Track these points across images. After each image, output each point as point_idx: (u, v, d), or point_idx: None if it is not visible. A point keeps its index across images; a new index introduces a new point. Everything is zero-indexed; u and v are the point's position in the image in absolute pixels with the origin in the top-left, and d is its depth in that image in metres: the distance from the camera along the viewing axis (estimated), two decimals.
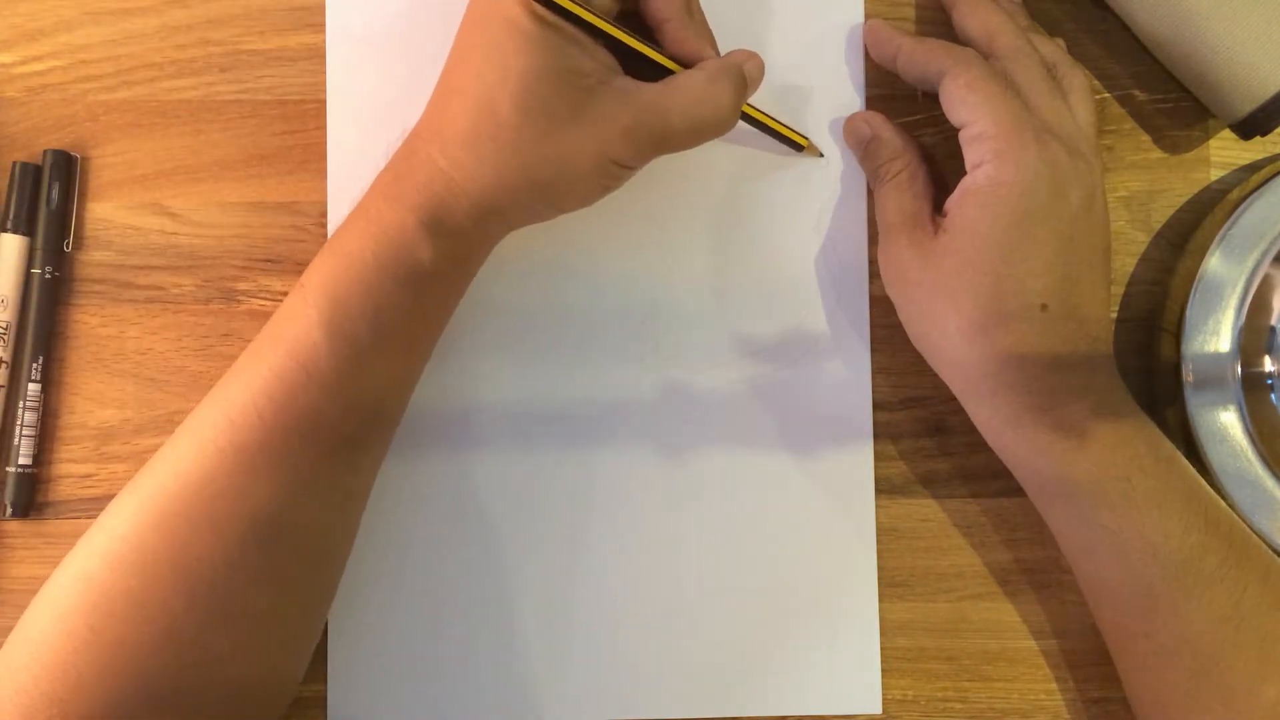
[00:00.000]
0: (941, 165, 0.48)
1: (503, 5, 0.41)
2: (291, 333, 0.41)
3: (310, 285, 0.41)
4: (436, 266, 0.41)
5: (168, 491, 0.40)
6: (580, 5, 0.41)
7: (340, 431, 0.42)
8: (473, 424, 0.48)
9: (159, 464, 0.42)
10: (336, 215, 0.48)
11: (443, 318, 0.44)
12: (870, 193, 0.49)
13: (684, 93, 0.42)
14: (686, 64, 0.44)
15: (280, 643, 0.43)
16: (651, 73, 0.44)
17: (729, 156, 0.48)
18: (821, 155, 0.48)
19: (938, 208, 0.45)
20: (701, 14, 0.45)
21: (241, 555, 0.40)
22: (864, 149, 0.47)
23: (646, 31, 0.44)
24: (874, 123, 0.47)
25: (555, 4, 0.40)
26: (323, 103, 0.48)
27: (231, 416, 0.41)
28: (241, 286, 0.48)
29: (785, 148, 0.48)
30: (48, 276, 0.47)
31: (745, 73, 0.44)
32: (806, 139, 0.48)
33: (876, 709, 0.48)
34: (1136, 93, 0.49)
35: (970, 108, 0.43)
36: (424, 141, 0.42)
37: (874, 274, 0.49)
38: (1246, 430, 0.45)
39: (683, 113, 0.42)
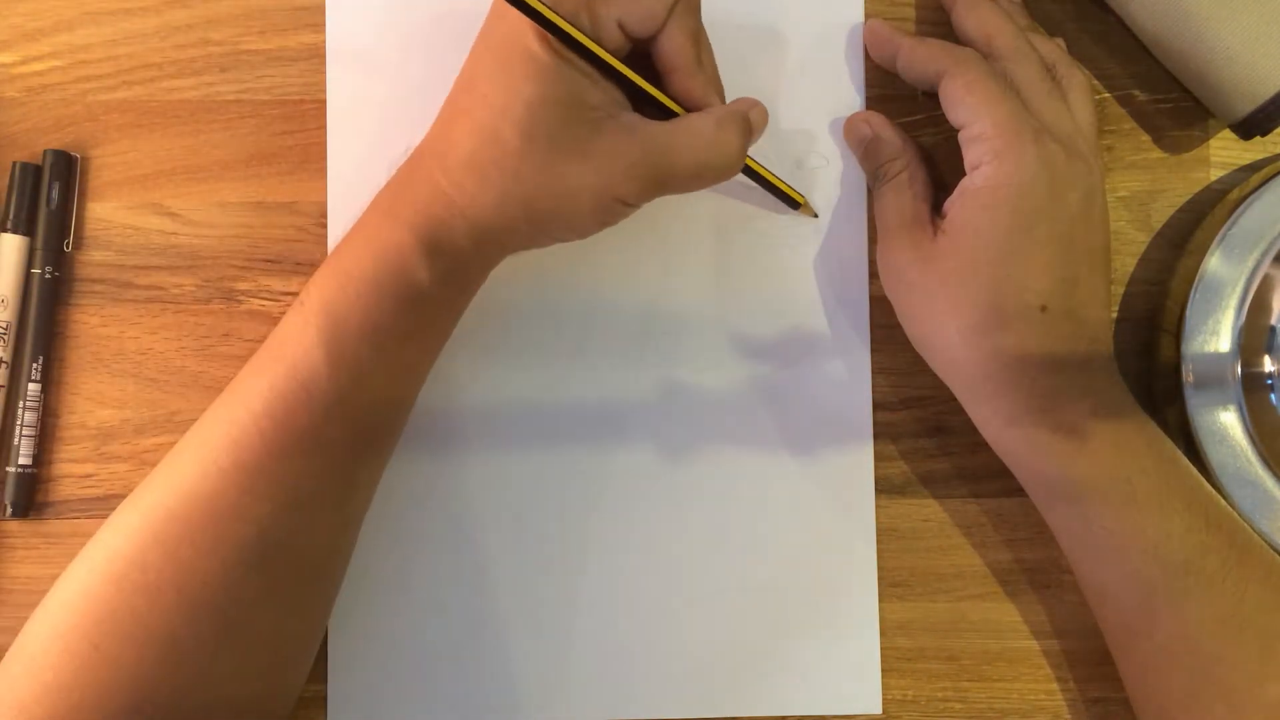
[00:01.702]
0: (941, 166, 0.48)
1: (516, 33, 0.40)
2: (291, 351, 0.41)
3: (310, 303, 0.41)
4: (434, 287, 0.41)
5: (170, 510, 0.40)
6: (592, 40, 0.41)
7: (340, 450, 0.42)
8: (473, 424, 0.48)
9: (160, 480, 0.42)
10: (336, 215, 0.48)
11: (440, 339, 0.44)
12: (870, 193, 0.49)
13: (691, 134, 0.42)
14: (692, 110, 0.44)
15: (281, 660, 0.43)
16: (658, 115, 0.43)
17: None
18: (816, 215, 0.48)
19: (937, 209, 0.45)
20: (713, 64, 0.45)
21: (244, 577, 0.40)
22: (864, 149, 0.47)
23: (656, 75, 0.44)
24: (874, 122, 0.47)
25: (568, 37, 0.40)
26: (323, 103, 0.48)
27: (233, 435, 0.41)
28: (241, 286, 0.48)
29: (781, 204, 0.48)
30: (48, 276, 0.47)
31: (751, 119, 0.44)
32: (803, 197, 0.48)
33: (876, 709, 0.48)
34: (1136, 93, 0.49)
35: (969, 108, 0.43)
36: (427, 161, 0.42)
37: (874, 274, 0.49)
38: (1246, 430, 0.45)
39: (689, 154, 0.42)
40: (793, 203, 0.48)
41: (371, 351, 0.41)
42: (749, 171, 0.46)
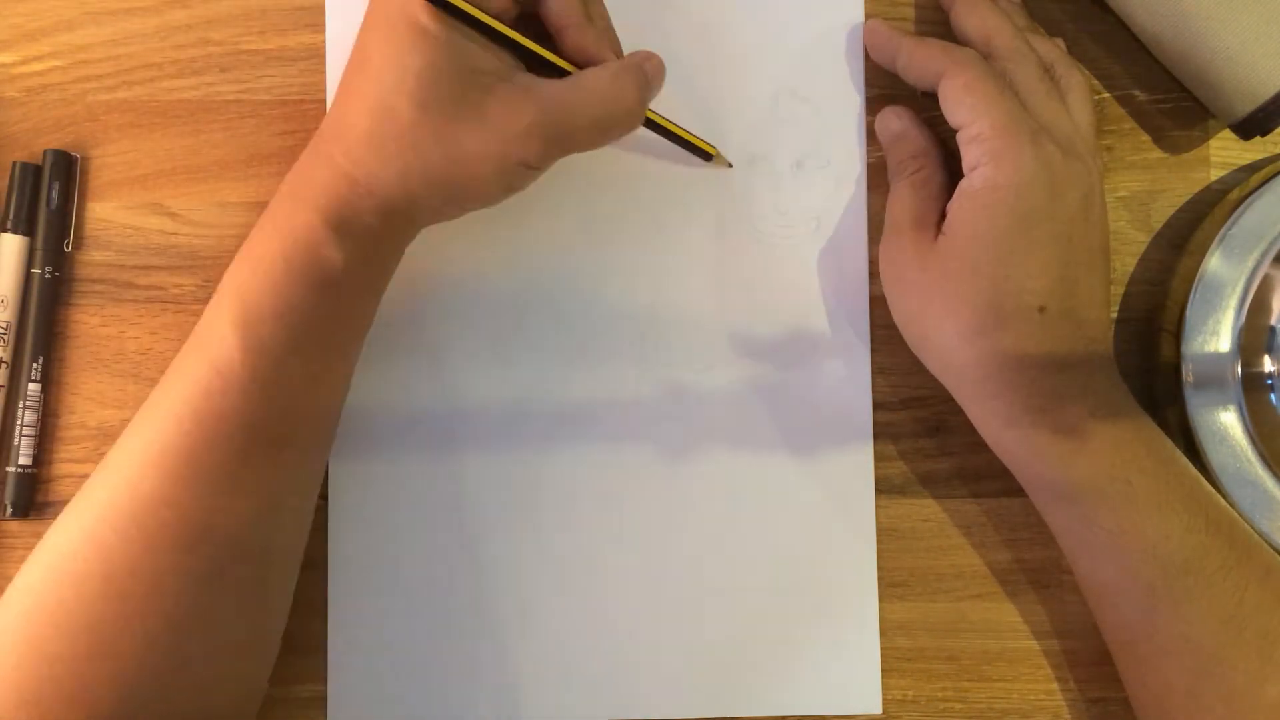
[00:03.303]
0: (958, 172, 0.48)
1: (401, 5, 0.40)
2: (207, 340, 0.41)
3: (223, 292, 0.42)
4: (346, 266, 0.41)
5: (101, 505, 0.41)
6: (475, 6, 0.40)
7: (263, 433, 0.41)
8: (472, 425, 0.48)
9: (96, 478, 0.42)
10: None
11: (360, 318, 0.44)
12: (871, 192, 0.49)
13: (588, 90, 0.42)
14: (587, 67, 0.43)
15: (228, 650, 0.43)
16: (554, 75, 0.43)
17: (729, 157, 0.48)
18: (730, 165, 0.48)
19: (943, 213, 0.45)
20: (605, 18, 0.45)
21: (172, 563, 0.40)
22: (889, 141, 0.47)
23: (547, 36, 0.44)
24: (904, 118, 0.47)
25: (450, 5, 0.40)
26: (323, 103, 0.48)
27: (156, 425, 0.41)
28: None
29: (694, 158, 0.48)
30: (48, 276, 0.47)
31: (647, 70, 0.44)
32: (714, 148, 0.47)
33: (876, 709, 0.48)
34: (1136, 93, 0.49)
35: (967, 109, 0.43)
36: (326, 142, 0.42)
37: (874, 274, 0.49)
38: (1246, 430, 0.45)
39: (586, 109, 0.42)
40: (704, 154, 0.47)
41: (286, 333, 0.41)
42: (654, 126, 0.46)
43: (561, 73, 0.43)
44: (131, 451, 0.41)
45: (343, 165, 0.41)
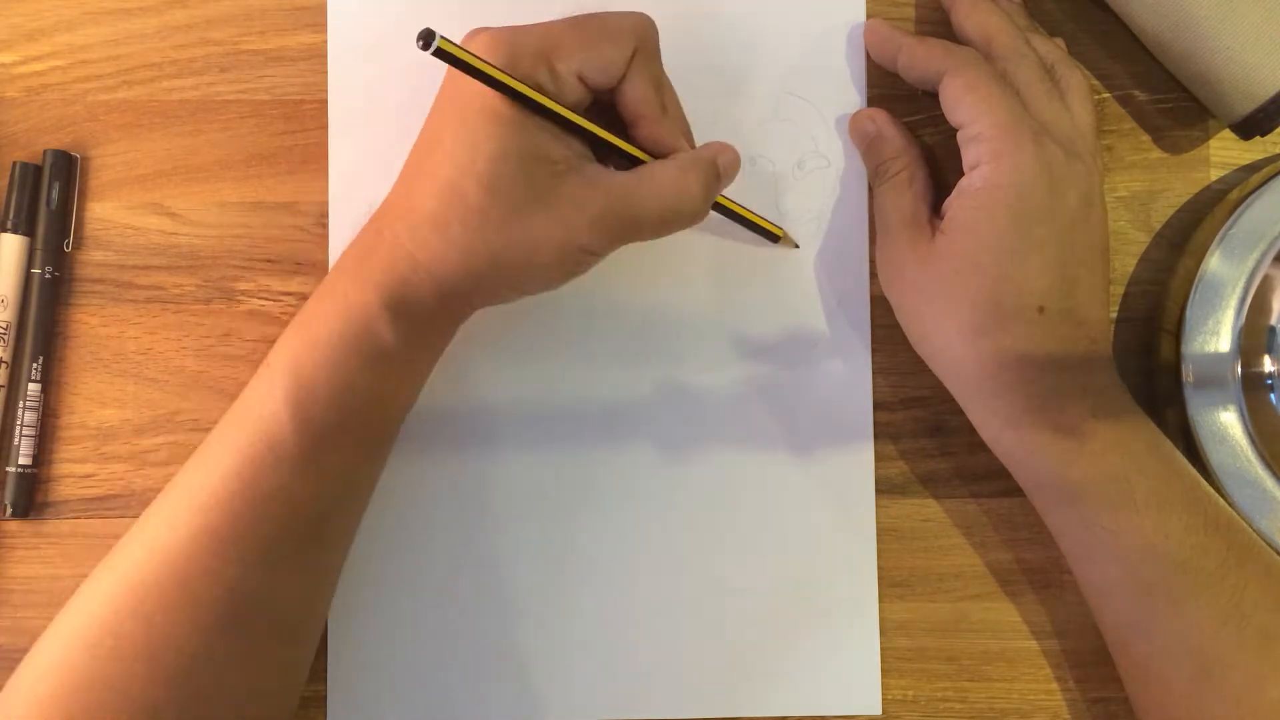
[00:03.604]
0: (942, 165, 0.48)
1: (476, 90, 0.40)
2: (257, 413, 0.41)
3: (275, 365, 0.42)
4: (400, 347, 0.41)
5: (142, 574, 0.41)
6: (550, 99, 0.41)
7: (309, 510, 0.42)
8: (472, 425, 0.48)
9: (132, 545, 0.42)
10: (337, 215, 0.48)
11: (408, 398, 0.44)
12: (871, 193, 0.49)
13: (654, 182, 0.42)
14: (659, 157, 0.43)
15: (259, 716, 0.43)
16: (626, 164, 0.43)
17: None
18: (797, 246, 0.48)
19: (937, 209, 0.45)
20: (678, 108, 0.45)
21: (219, 640, 0.41)
22: (866, 145, 0.47)
23: (621, 124, 0.44)
24: (878, 120, 0.47)
25: (526, 97, 0.40)
26: (323, 103, 0.48)
27: (202, 499, 0.41)
28: (241, 286, 0.48)
29: (762, 239, 0.48)
30: (48, 276, 0.47)
31: (719, 165, 0.44)
32: (782, 230, 0.48)
33: (876, 709, 0.48)
34: (1136, 93, 0.49)
35: (968, 108, 0.43)
36: (390, 221, 0.42)
37: (875, 274, 0.49)
38: (1246, 430, 0.45)
39: (652, 202, 0.42)
40: (772, 237, 0.48)
41: (339, 413, 0.41)
42: (724, 210, 0.46)
43: (633, 162, 0.43)
44: (175, 521, 0.41)
45: (406, 245, 0.41)
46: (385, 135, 0.48)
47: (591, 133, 0.42)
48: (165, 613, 0.40)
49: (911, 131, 0.48)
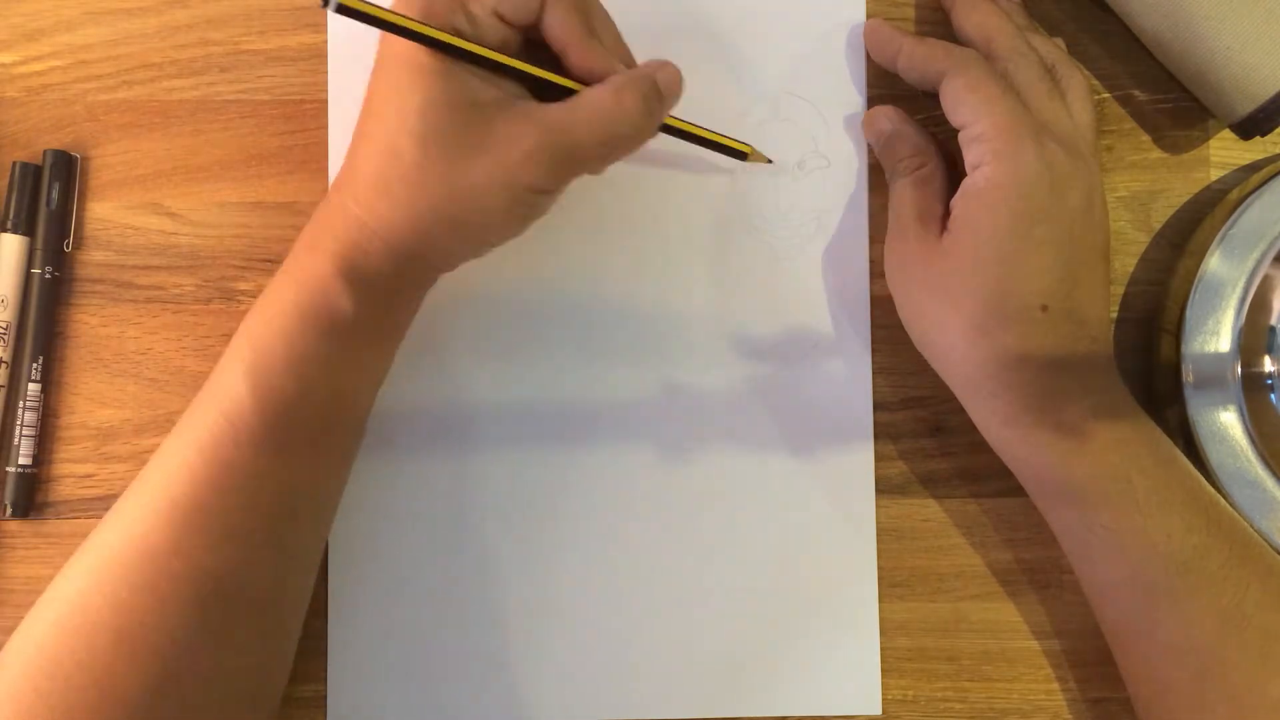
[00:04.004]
0: (959, 167, 0.48)
1: (403, 47, 0.40)
2: (220, 388, 0.41)
3: (237, 340, 0.42)
4: (359, 315, 0.41)
5: (112, 553, 0.41)
6: (471, 40, 0.40)
7: (275, 486, 0.41)
8: (472, 425, 0.48)
9: (105, 525, 0.42)
10: None
11: (374, 367, 0.44)
12: (871, 192, 0.49)
13: (588, 108, 0.41)
14: (594, 83, 0.42)
15: (233, 701, 0.43)
16: (565, 97, 0.42)
17: (729, 160, 0.48)
18: (770, 161, 0.48)
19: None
20: (612, 32, 0.44)
21: (182, 616, 0.40)
22: (883, 143, 0.47)
23: (553, 58, 0.43)
24: (894, 118, 0.47)
25: (447, 44, 0.39)
26: (323, 103, 0.48)
27: (168, 473, 0.41)
28: (241, 286, 0.48)
29: (729, 158, 0.47)
30: (48, 276, 0.47)
31: (659, 81, 0.42)
32: (749, 146, 0.47)
33: (876, 709, 0.48)
34: (1136, 93, 0.49)
35: (969, 108, 0.43)
36: (339, 190, 0.42)
37: (875, 274, 0.49)
38: (1246, 430, 0.45)
39: (588, 127, 0.41)
40: (739, 154, 0.47)
41: (297, 383, 0.41)
42: (679, 132, 0.45)
43: (570, 94, 0.42)
44: (142, 501, 0.41)
45: (354, 211, 0.41)
46: None
47: (527, 72, 0.41)
48: (131, 590, 0.40)
49: None
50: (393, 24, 0.39)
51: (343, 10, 0.37)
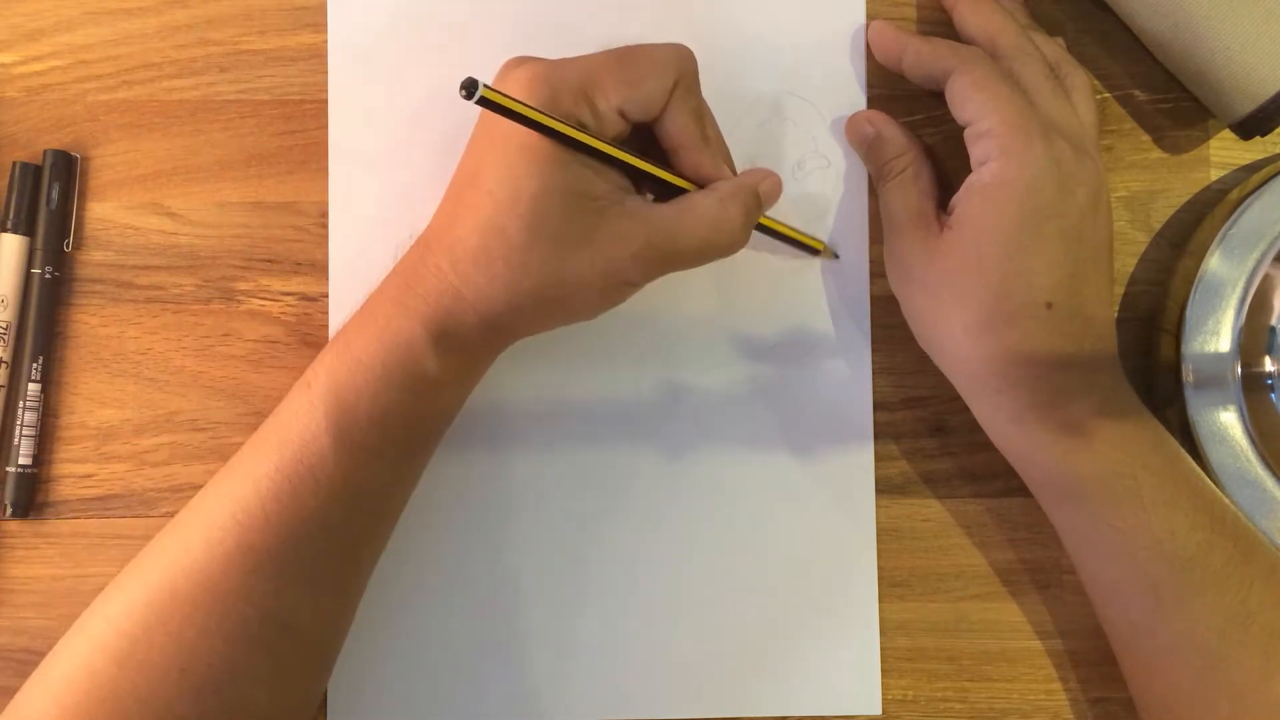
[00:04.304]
0: (944, 164, 0.48)
1: (515, 127, 0.40)
2: (298, 434, 0.41)
3: (317, 386, 0.42)
4: (442, 376, 0.42)
5: (175, 587, 0.40)
6: (588, 134, 0.41)
7: (345, 533, 0.42)
8: (473, 425, 0.48)
9: (165, 552, 0.42)
10: (337, 215, 0.48)
11: (445, 422, 0.45)
12: (872, 192, 0.49)
13: (695, 214, 0.42)
14: (701, 185, 0.44)
15: None
16: (664, 192, 0.44)
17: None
18: (837, 257, 0.48)
19: (942, 206, 0.45)
20: (719, 136, 0.45)
21: (247, 657, 0.41)
22: (867, 147, 0.47)
23: (661, 154, 0.44)
24: (876, 121, 0.47)
25: (574, 140, 0.40)
26: (323, 103, 0.48)
27: (238, 515, 0.41)
28: (241, 286, 0.48)
29: (803, 253, 0.48)
30: (48, 276, 0.47)
31: (760, 193, 0.44)
32: (822, 242, 0.48)
33: (876, 709, 0.48)
34: (1136, 93, 0.49)
35: (976, 105, 0.43)
36: (434, 253, 0.42)
37: (875, 274, 0.49)
38: (1246, 430, 0.45)
39: (693, 233, 0.42)
40: (813, 250, 0.48)
41: (379, 438, 0.41)
42: (765, 229, 0.46)
43: (673, 191, 0.43)
44: (210, 538, 0.41)
45: (450, 279, 0.41)
46: (385, 135, 0.48)
47: (632, 167, 0.42)
48: (195, 628, 0.40)
49: (912, 131, 0.48)
50: (527, 117, 0.39)
51: (484, 103, 0.38)
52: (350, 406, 0.41)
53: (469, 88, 0.37)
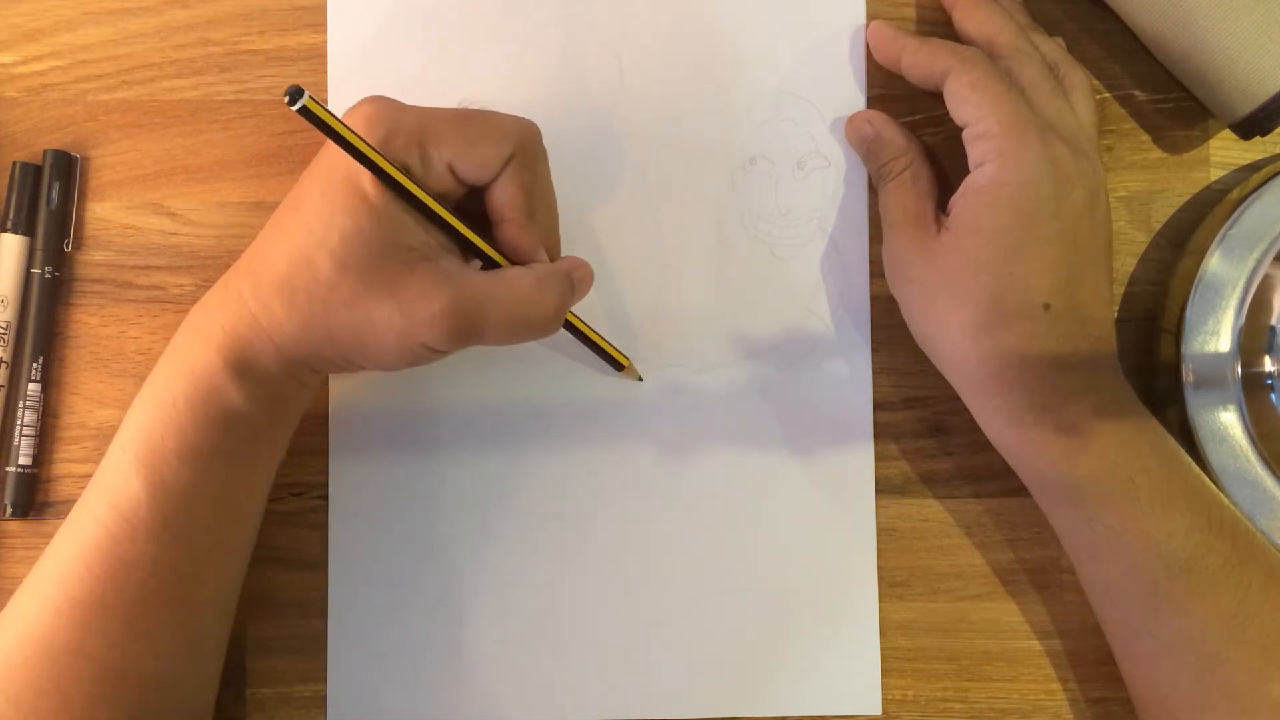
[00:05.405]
0: (943, 165, 0.48)
1: (346, 162, 0.39)
2: (111, 481, 0.41)
3: (126, 431, 0.41)
4: (250, 408, 0.41)
5: (11, 655, 0.40)
6: (411, 179, 0.40)
7: (171, 575, 0.41)
8: (473, 425, 0.48)
9: (7, 617, 0.41)
10: None
11: (269, 455, 0.44)
12: (872, 192, 0.49)
13: (508, 288, 0.41)
14: (517, 263, 0.43)
15: None
16: (491, 263, 0.42)
17: (729, 157, 0.48)
18: (640, 379, 0.48)
19: (941, 206, 0.45)
20: (550, 220, 0.44)
21: (89, 710, 0.40)
22: (866, 148, 0.47)
23: (486, 225, 0.43)
24: (876, 122, 0.47)
25: (394, 181, 0.39)
26: (323, 103, 0.48)
27: (63, 572, 0.40)
28: None
29: (605, 364, 0.47)
30: (48, 276, 0.47)
31: (574, 280, 0.43)
32: (628, 359, 0.47)
33: (876, 709, 0.48)
34: (1136, 93, 0.49)
35: (974, 106, 0.43)
36: (238, 277, 0.41)
37: (875, 273, 0.49)
38: (1246, 430, 0.45)
39: (503, 308, 0.41)
40: (617, 365, 0.47)
41: (192, 474, 0.40)
42: (573, 330, 0.46)
43: (493, 264, 0.42)
44: (40, 597, 0.41)
45: (250, 306, 0.40)
46: None
47: (457, 232, 0.41)
48: (36, 693, 0.40)
49: (911, 131, 0.48)
50: (349, 143, 0.38)
51: (305, 114, 0.36)
52: (158, 446, 0.40)
53: (293, 95, 0.36)
